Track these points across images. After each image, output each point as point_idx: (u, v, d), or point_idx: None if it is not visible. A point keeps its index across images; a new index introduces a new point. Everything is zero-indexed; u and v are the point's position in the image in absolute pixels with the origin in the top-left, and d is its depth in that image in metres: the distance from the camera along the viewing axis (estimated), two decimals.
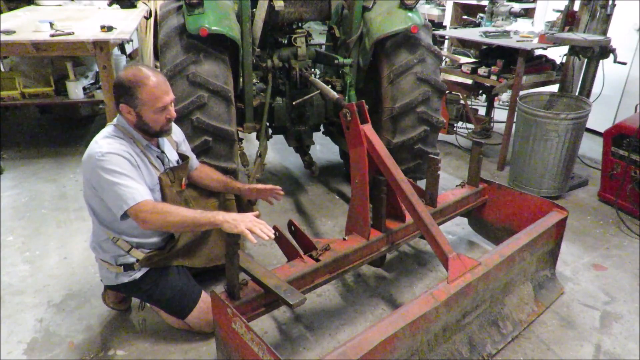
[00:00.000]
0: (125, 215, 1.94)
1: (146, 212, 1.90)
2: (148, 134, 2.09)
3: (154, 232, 2.16)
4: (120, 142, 2.01)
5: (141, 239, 2.15)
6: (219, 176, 2.52)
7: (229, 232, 1.80)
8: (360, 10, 3.14)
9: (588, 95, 3.77)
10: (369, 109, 2.33)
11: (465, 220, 3.14)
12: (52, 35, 3.56)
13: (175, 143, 2.35)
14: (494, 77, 4.03)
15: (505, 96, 5.87)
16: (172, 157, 2.27)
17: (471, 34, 4.43)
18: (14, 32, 3.62)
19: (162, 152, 2.21)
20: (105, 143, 1.97)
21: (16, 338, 2.28)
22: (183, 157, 2.33)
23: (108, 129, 2.07)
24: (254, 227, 1.81)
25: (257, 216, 1.91)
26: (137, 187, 1.94)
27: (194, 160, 2.47)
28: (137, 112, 2.00)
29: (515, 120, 3.74)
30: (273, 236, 1.86)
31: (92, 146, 1.98)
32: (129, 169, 1.96)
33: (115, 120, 2.12)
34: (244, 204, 2.58)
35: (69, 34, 3.63)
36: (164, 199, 2.15)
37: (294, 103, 3.18)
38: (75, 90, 4.29)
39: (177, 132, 2.38)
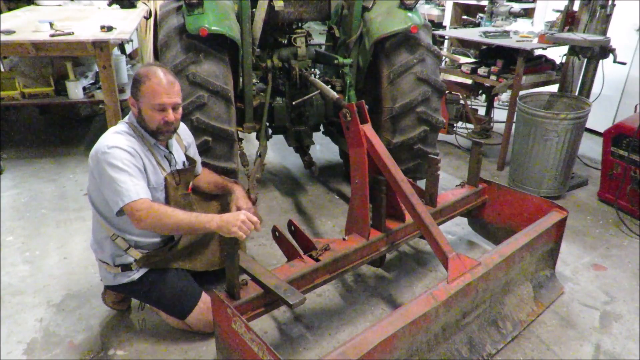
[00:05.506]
0: (121, 212, 1.94)
1: (142, 210, 1.90)
2: (147, 131, 2.09)
3: (155, 233, 2.16)
4: (128, 139, 2.03)
5: (141, 238, 2.14)
6: (217, 179, 2.53)
7: (225, 236, 1.87)
8: (360, 10, 3.14)
9: (588, 95, 3.76)
10: (369, 109, 2.33)
11: (465, 220, 3.14)
12: (52, 35, 3.56)
13: (184, 146, 2.35)
14: (493, 77, 4.03)
15: (505, 96, 5.87)
16: (180, 159, 2.27)
17: (471, 34, 4.43)
18: (14, 32, 3.62)
19: (170, 152, 2.21)
20: (112, 138, 2.00)
21: (16, 338, 2.28)
22: (191, 161, 2.33)
23: (119, 125, 2.11)
24: (243, 228, 1.86)
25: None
26: (136, 184, 1.94)
27: (199, 165, 2.47)
28: (139, 106, 2.05)
29: (515, 120, 3.74)
30: (259, 228, 1.94)
31: (101, 140, 2.01)
32: (132, 165, 1.97)
33: (127, 117, 2.15)
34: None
35: (68, 34, 3.63)
36: (168, 200, 2.14)
37: (293, 103, 3.18)
38: (75, 90, 4.29)
39: (186, 134, 2.38)
